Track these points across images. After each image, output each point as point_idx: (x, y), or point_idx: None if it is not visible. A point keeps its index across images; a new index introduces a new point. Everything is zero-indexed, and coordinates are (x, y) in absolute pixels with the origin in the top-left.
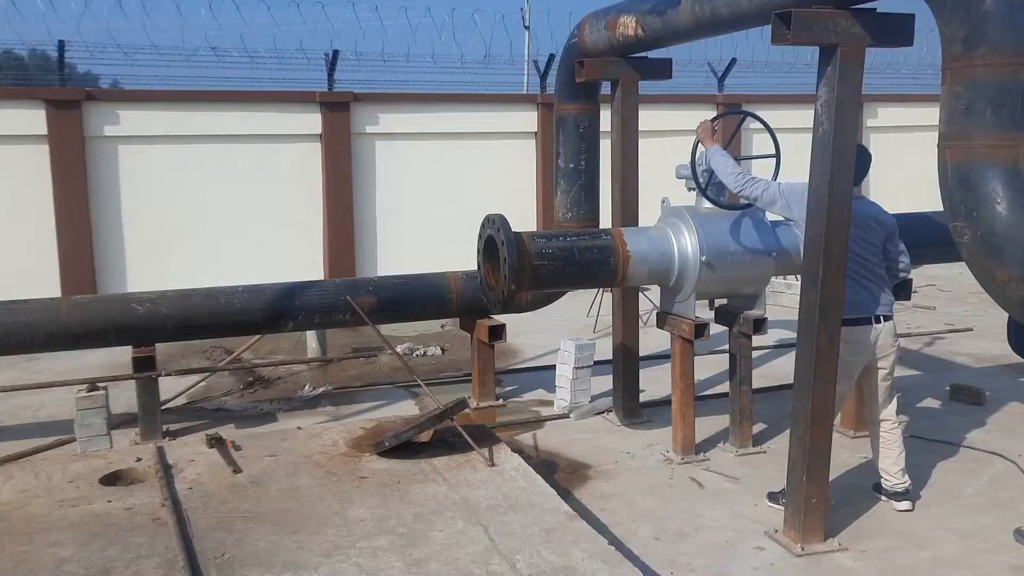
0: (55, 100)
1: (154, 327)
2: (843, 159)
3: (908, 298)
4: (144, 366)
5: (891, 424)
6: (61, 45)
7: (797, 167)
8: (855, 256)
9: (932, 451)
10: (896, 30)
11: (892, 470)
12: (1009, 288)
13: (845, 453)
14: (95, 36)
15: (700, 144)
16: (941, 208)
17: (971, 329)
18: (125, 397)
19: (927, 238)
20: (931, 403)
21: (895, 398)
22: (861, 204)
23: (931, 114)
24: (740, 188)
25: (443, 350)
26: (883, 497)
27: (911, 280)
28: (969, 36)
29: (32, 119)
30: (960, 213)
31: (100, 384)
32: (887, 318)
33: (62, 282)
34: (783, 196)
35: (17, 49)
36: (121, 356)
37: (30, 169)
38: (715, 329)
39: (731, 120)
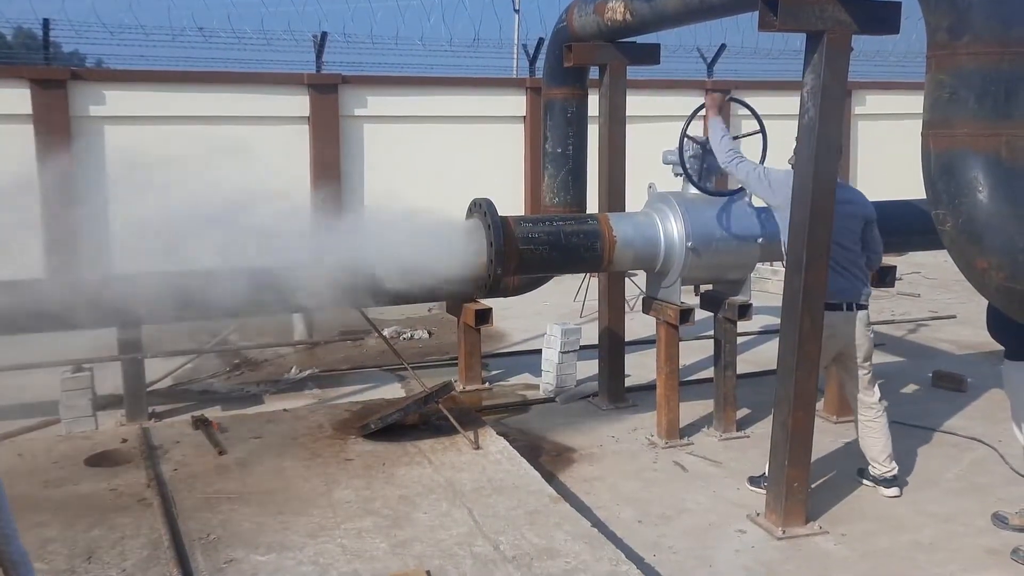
0: (40, 79)
1: (140, 308)
2: (828, 146)
3: (892, 285)
4: (130, 347)
5: (876, 412)
6: (46, 24)
7: (784, 154)
8: (835, 244)
9: (913, 437)
10: (882, 18)
11: (880, 457)
12: (989, 275)
13: (827, 438)
14: (80, 15)
15: (705, 115)
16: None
17: (954, 316)
18: (111, 378)
19: (912, 225)
20: (913, 389)
21: (877, 385)
22: (843, 192)
23: (919, 102)
24: (727, 163)
25: (430, 334)
26: (868, 483)
27: (895, 267)
28: (954, 25)
29: (17, 98)
30: (942, 201)
31: (86, 365)
32: (860, 307)
33: (47, 262)
34: (767, 179)
35: (0, 28)
36: (107, 337)
37: (15, 148)
38: (700, 315)
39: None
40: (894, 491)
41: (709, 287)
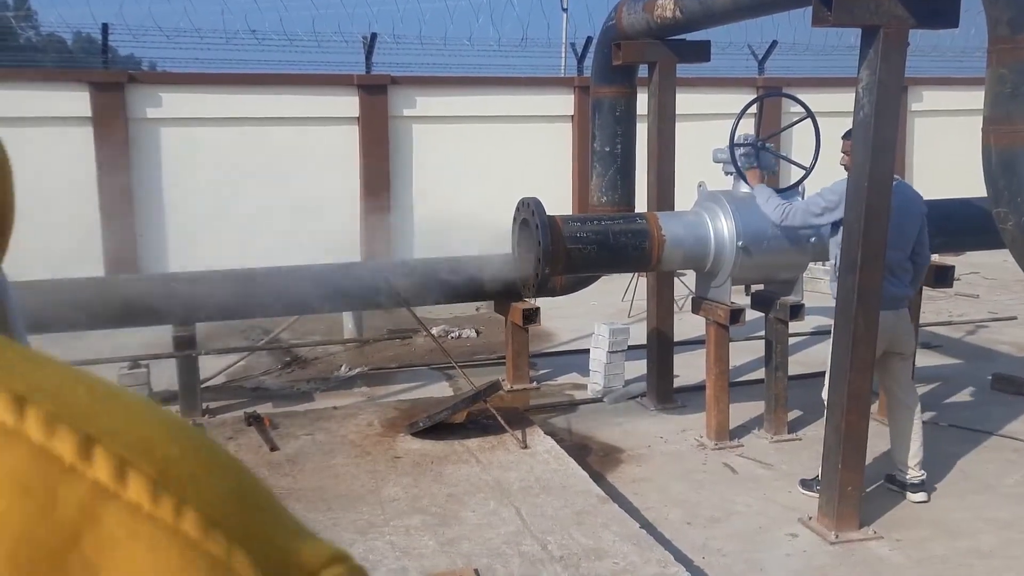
0: (99, 82)
1: (195, 307)
2: (884, 143)
3: (950, 285)
4: (185, 345)
5: (913, 413)
6: (105, 28)
7: (838, 152)
8: (891, 249)
9: (972, 441)
10: (940, 11)
11: (912, 461)
12: None
13: (881, 441)
14: (138, 19)
15: (745, 181)
16: (986, 194)
17: (1015, 318)
18: (166, 375)
19: (971, 224)
20: (972, 393)
21: (915, 388)
22: (901, 189)
23: (978, 98)
24: (780, 221)
25: (478, 333)
26: (895, 488)
27: (952, 267)
28: (1015, 18)
29: (76, 101)
30: (1003, 199)
31: (142, 362)
32: (901, 307)
33: (105, 262)
34: (823, 201)
35: (61, 32)
36: (162, 335)
37: (75, 150)
38: (751, 315)
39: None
40: (922, 496)
41: (760, 287)
